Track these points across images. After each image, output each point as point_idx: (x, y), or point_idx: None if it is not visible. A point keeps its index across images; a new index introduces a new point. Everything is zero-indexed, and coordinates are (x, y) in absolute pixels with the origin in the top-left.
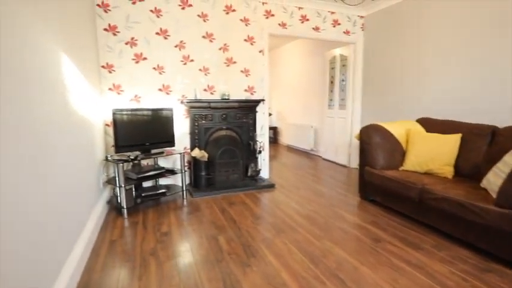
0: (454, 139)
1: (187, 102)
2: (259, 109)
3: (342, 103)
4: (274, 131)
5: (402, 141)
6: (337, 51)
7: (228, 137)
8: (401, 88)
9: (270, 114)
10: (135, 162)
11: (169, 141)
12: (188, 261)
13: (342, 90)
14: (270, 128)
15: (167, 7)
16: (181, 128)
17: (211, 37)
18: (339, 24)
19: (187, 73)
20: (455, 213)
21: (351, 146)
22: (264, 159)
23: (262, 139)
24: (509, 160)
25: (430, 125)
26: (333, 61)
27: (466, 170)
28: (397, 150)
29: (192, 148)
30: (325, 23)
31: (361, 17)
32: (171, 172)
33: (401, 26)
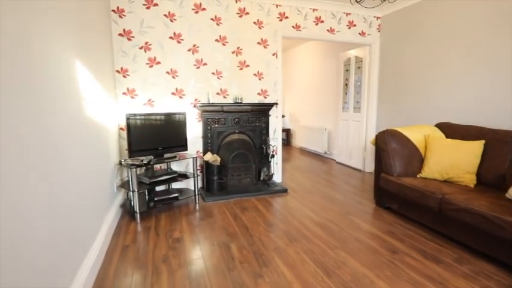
0: (477, 146)
1: (200, 106)
2: (272, 113)
3: (357, 106)
4: (287, 133)
5: (420, 147)
6: (352, 53)
7: (240, 140)
8: (419, 91)
9: (283, 116)
10: (148, 166)
11: (182, 146)
12: (200, 270)
13: (357, 93)
14: (283, 130)
15: (181, 11)
16: (194, 132)
17: (224, 40)
18: (354, 25)
19: (200, 77)
20: (478, 225)
21: (365, 150)
22: (277, 163)
23: (275, 143)
24: None
25: (450, 130)
26: (347, 63)
27: (489, 179)
28: (415, 157)
29: (204, 152)
30: (340, 24)
31: (377, 17)
32: (184, 176)
33: (420, 26)
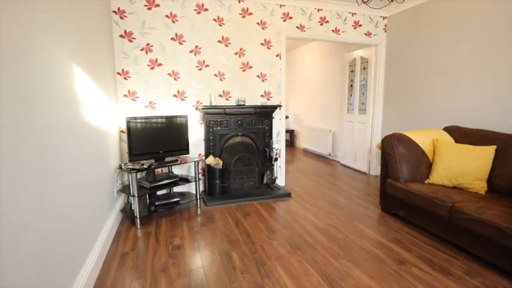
0: (488, 151)
1: (202, 108)
2: (276, 115)
3: (362, 107)
4: (291, 134)
5: (428, 152)
6: (358, 53)
7: (243, 143)
8: (426, 93)
9: (286, 117)
10: (149, 170)
11: (184, 149)
12: (200, 280)
13: (362, 94)
14: (287, 131)
15: (183, 12)
16: (196, 134)
17: (227, 41)
18: (360, 25)
19: (202, 78)
20: (490, 236)
21: (370, 153)
22: (280, 166)
23: (279, 146)
24: None
25: (459, 134)
26: (352, 63)
27: (501, 186)
28: (422, 162)
29: (206, 155)
30: (346, 24)
31: (383, 17)
32: (185, 180)
33: (428, 26)
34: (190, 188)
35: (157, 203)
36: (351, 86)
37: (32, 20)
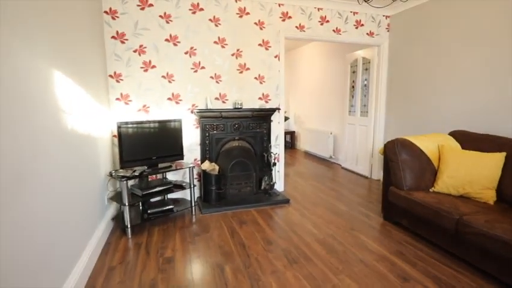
0: (497, 158)
1: (197, 111)
2: (274, 118)
3: (364, 110)
4: (292, 136)
5: (433, 158)
6: (360, 54)
7: (240, 148)
8: (431, 95)
9: (287, 118)
10: (142, 177)
11: (178, 154)
12: None
13: (364, 96)
14: (287, 133)
15: (177, 12)
16: (192, 139)
17: (223, 42)
18: (362, 25)
19: (198, 81)
20: (501, 253)
21: (372, 157)
22: (279, 171)
23: (277, 150)
24: None
25: (466, 139)
26: (354, 64)
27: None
28: (427, 169)
29: (202, 160)
30: (347, 24)
31: (386, 17)
32: (179, 187)
33: (433, 26)
34: (186, 194)
35: (150, 211)
36: (353, 87)
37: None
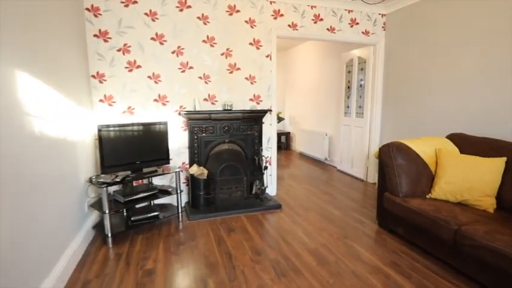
0: (497, 163)
1: (185, 113)
2: (266, 120)
3: (360, 111)
4: (287, 137)
5: (430, 163)
6: (355, 53)
7: (230, 151)
8: (428, 96)
9: (282, 119)
10: (124, 183)
11: (164, 158)
12: None
13: (360, 97)
14: (283, 134)
15: (163, 9)
16: (179, 142)
17: (212, 41)
18: (357, 23)
19: (185, 81)
20: (502, 267)
21: (368, 159)
22: (271, 175)
23: (269, 153)
24: None
25: (464, 143)
26: (349, 64)
27: None
28: (423, 175)
29: (191, 163)
30: (342, 22)
31: (382, 15)
32: (166, 193)
33: (430, 25)
34: (174, 200)
35: (133, 218)
36: (348, 87)
37: None
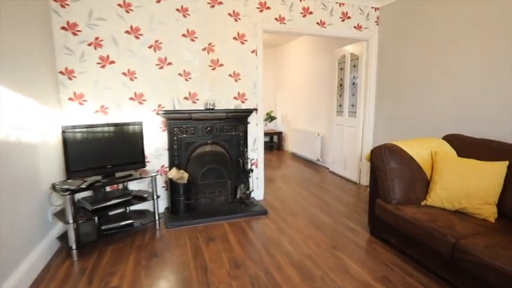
0: (498, 168)
1: (163, 113)
2: (252, 120)
3: (352, 110)
4: (279, 137)
5: (425, 167)
6: (348, 49)
7: (213, 153)
8: (424, 95)
9: (273, 118)
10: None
11: (139, 162)
12: None
13: (353, 95)
14: (275, 134)
15: (139, 0)
16: (158, 143)
17: (193, 35)
18: (349, 17)
19: (164, 79)
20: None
21: (361, 160)
22: (258, 178)
23: (255, 155)
24: None
25: (462, 145)
26: (342, 60)
27: None
28: (418, 179)
29: (170, 166)
30: (332, 16)
31: (375, 8)
32: (141, 199)
33: (426, 19)
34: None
35: (104, 227)
36: (341, 85)
37: None
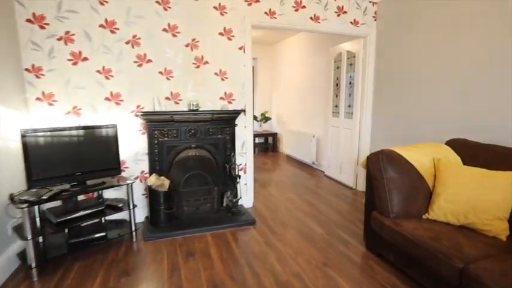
0: (510, 178)
1: (142, 114)
2: (240, 122)
3: (349, 111)
4: (274, 138)
5: (427, 175)
6: (344, 47)
7: (197, 157)
8: (425, 95)
9: (268, 119)
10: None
11: (113, 168)
12: None
13: (349, 95)
14: (270, 135)
15: None
16: (137, 147)
17: (174, 30)
18: (345, 12)
19: (143, 77)
20: None
21: (358, 165)
22: (246, 184)
23: (244, 159)
24: None
25: (467, 151)
26: (338, 59)
27: None
28: (419, 190)
29: (151, 172)
30: (327, 10)
31: (373, 3)
32: (115, 209)
33: (428, 14)
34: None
35: (72, 241)
36: (337, 85)
37: None
